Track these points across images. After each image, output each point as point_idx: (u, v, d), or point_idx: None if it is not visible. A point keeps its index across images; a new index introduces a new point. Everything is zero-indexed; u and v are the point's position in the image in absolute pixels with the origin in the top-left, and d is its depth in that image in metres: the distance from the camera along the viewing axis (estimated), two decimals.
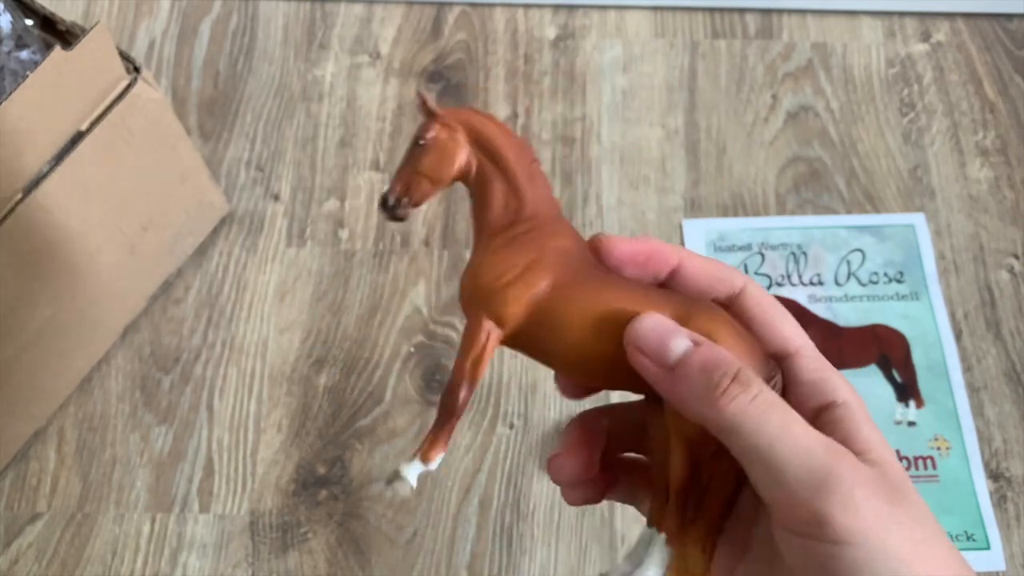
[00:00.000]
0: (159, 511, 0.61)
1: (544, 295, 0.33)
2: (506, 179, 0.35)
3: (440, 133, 0.34)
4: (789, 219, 0.69)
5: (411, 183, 0.34)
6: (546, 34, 0.77)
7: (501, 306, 0.33)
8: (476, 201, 0.35)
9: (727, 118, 0.74)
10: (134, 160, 0.58)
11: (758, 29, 0.77)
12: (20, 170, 0.52)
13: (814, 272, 0.67)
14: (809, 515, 0.28)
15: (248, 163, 0.71)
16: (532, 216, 0.34)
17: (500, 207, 0.35)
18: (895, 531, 0.28)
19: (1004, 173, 0.71)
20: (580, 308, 0.33)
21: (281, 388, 0.64)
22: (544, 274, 0.33)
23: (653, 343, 0.31)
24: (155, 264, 0.65)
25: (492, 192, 0.35)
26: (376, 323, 0.66)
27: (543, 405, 0.64)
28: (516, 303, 0.33)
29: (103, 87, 0.54)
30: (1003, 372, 0.65)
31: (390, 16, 0.77)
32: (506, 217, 0.34)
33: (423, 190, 0.34)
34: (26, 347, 0.58)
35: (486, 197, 0.35)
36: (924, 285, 0.67)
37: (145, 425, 0.63)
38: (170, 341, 0.65)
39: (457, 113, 0.35)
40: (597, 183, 0.71)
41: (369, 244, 0.69)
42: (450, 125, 0.35)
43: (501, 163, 0.35)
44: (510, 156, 0.35)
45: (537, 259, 0.33)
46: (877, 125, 0.73)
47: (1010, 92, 0.75)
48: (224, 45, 0.76)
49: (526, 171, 0.35)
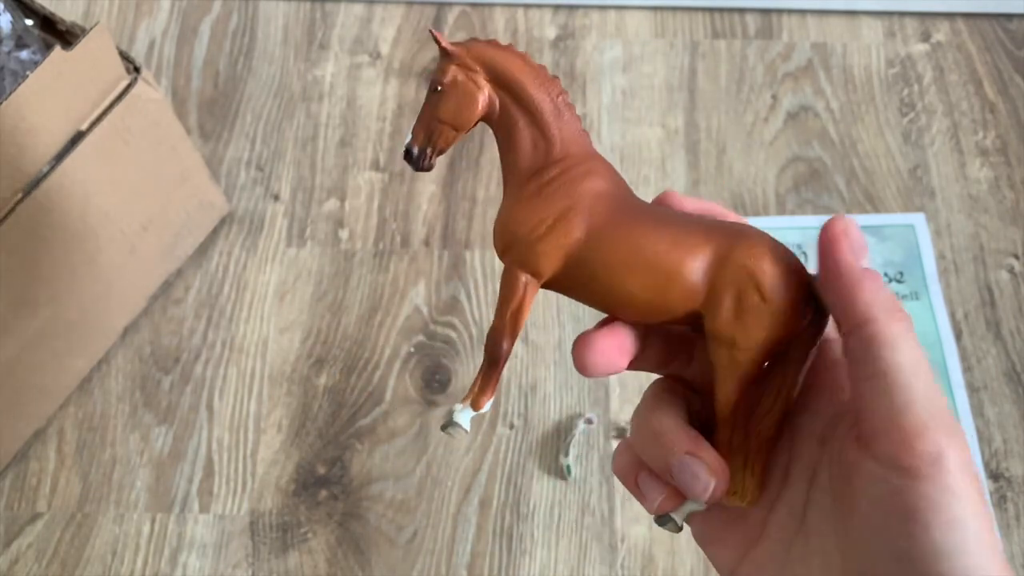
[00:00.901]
0: (159, 511, 0.60)
1: (579, 243, 0.32)
2: (532, 119, 0.33)
3: (457, 75, 0.33)
4: (789, 219, 0.69)
5: (433, 131, 0.33)
6: (546, 34, 0.77)
7: (535, 259, 0.32)
8: (502, 144, 0.34)
9: (727, 118, 0.74)
10: (134, 160, 0.58)
11: (758, 29, 0.77)
12: (20, 170, 0.52)
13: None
14: (928, 449, 0.28)
15: (248, 163, 0.71)
16: (562, 157, 0.33)
17: (528, 150, 0.33)
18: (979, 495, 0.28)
19: (1004, 173, 0.71)
20: (617, 253, 0.32)
21: (281, 388, 0.64)
22: (577, 222, 0.32)
23: (860, 243, 0.32)
24: (155, 264, 0.65)
25: (518, 134, 0.33)
26: (376, 323, 0.66)
27: (543, 405, 0.64)
28: (550, 256, 0.32)
29: (103, 87, 0.54)
30: (1003, 372, 0.65)
31: (390, 16, 0.77)
32: (536, 160, 0.33)
33: (446, 137, 0.33)
34: (26, 347, 0.58)
35: (513, 140, 0.33)
36: (924, 285, 0.67)
37: (145, 425, 0.63)
38: (170, 341, 0.65)
39: (474, 49, 0.33)
40: None
41: (369, 244, 0.69)
42: (467, 65, 0.33)
43: (526, 101, 0.33)
44: (534, 93, 0.33)
45: (570, 206, 0.32)
46: (877, 125, 0.73)
47: (1010, 92, 0.75)
48: (224, 45, 0.76)
49: (552, 107, 0.33)
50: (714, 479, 0.32)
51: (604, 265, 0.32)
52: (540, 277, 0.33)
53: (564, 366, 0.65)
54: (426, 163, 0.33)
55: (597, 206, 0.33)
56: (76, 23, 0.54)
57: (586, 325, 0.65)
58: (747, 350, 0.32)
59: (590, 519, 0.61)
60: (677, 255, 0.32)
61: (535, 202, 0.33)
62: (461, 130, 0.33)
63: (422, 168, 0.33)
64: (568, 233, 0.32)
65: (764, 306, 0.32)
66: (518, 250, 0.32)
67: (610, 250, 0.32)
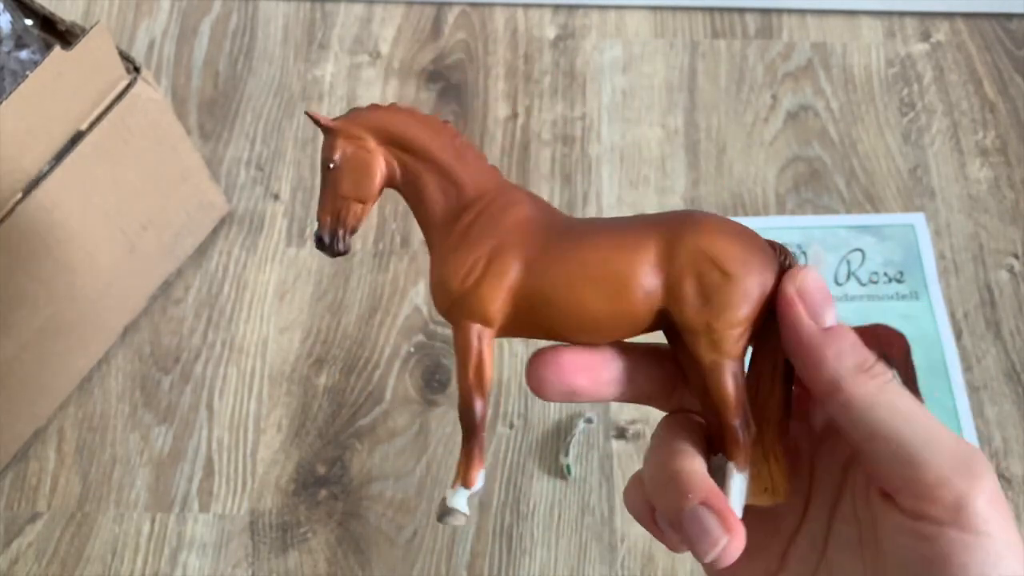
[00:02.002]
0: (159, 511, 0.61)
1: (520, 277, 0.31)
2: (435, 168, 0.32)
3: (347, 147, 0.32)
4: (789, 219, 0.69)
5: (339, 210, 0.32)
6: (546, 34, 0.77)
7: (480, 305, 0.31)
8: (414, 202, 0.33)
9: (727, 118, 0.74)
10: (134, 160, 0.58)
11: (758, 29, 0.77)
12: (20, 170, 0.52)
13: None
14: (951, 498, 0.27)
15: (248, 163, 0.71)
16: (477, 196, 0.32)
17: (440, 199, 0.32)
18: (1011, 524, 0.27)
19: (1004, 173, 0.71)
20: (564, 273, 0.31)
21: (281, 388, 0.64)
22: (511, 258, 0.31)
23: (817, 298, 0.30)
24: (155, 264, 0.65)
25: (425, 187, 0.32)
26: (376, 323, 0.66)
27: (543, 405, 0.64)
28: (494, 297, 0.31)
29: (103, 87, 0.54)
30: (1003, 372, 0.65)
31: (390, 16, 0.77)
32: (449, 207, 0.32)
33: (355, 213, 0.32)
34: (26, 347, 0.58)
35: (421, 194, 0.32)
36: (924, 285, 0.67)
37: (145, 425, 0.63)
38: (170, 341, 0.65)
39: (356, 119, 0.32)
40: (597, 183, 0.71)
41: (369, 244, 0.69)
42: (354, 135, 0.32)
43: (423, 154, 0.32)
44: (429, 143, 0.32)
45: (498, 244, 0.31)
46: (877, 125, 0.73)
47: (1010, 92, 0.75)
48: (224, 45, 0.76)
49: (452, 151, 0.32)
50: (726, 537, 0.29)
51: (554, 288, 0.31)
52: (491, 323, 0.31)
53: None
54: (341, 246, 0.32)
55: (527, 234, 0.31)
56: (76, 23, 0.54)
57: None
58: (726, 333, 0.30)
59: (590, 519, 0.61)
60: (624, 256, 0.31)
61: (461, 249, 0.31)
62: (368, 202, 0.32)
63: (338, 253, 0.32)
64: (505, 270, 0.31)
65: (728, 282, 0.30)
66: (460, 302, 0.31)
67: (556, 272, 0.31)
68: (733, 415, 0.31)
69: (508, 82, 0.75)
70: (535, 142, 0.72)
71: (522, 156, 0.72)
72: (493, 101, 0.74)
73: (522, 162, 0.72)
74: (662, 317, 0.31)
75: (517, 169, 0.71)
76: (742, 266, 0.30)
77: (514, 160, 0.72)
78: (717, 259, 0.30)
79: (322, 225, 0.32)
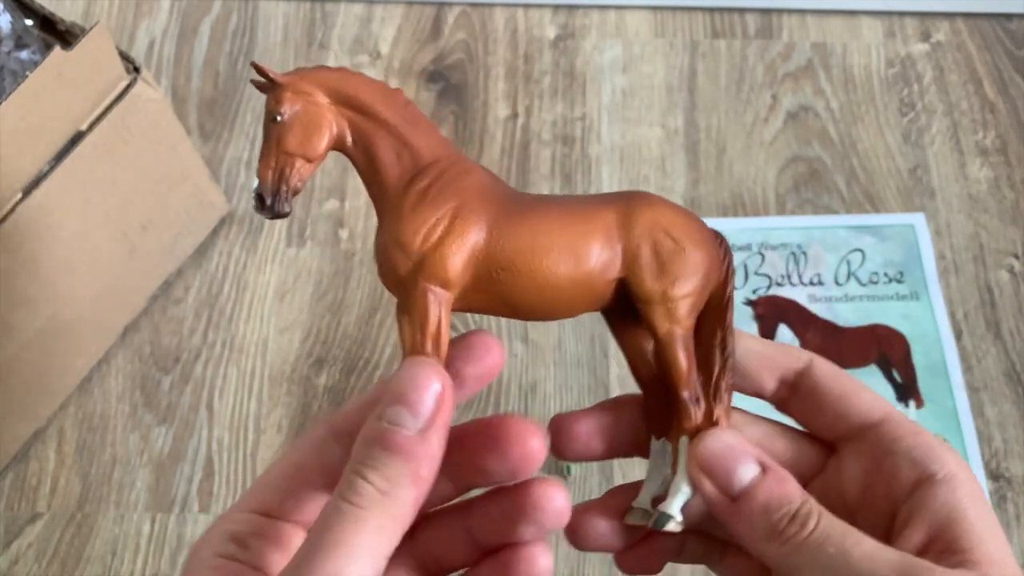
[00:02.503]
0: (159, 511, 0.61)
1: (482, 239, 0.30)
2: (388, 131, 0.31)
3: (296, 102, 0.30)
4: (789, 219, 0.69)
5: (284, 167, 0.30)
6: (546, 34, 0.77)
7: (442, 265, 0.30)
8: (363, 165, 0.31)
9: (727, 118, 0.74)
10: (134, 160, 0.58)
11: (758, 29, 0.77)
12: (20, 170, 0.52)
13: (814, 272, 0.67)
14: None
15: (248, 163, 0.71)
16: (433, 160, 0.31)
17: (393, 163, 0.31)
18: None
19: (1004, 173, 0.71)
20: (525, 237, 0.30)
21: (281, 388, 0.64)
22: (474, 217, 0.30)
23: (720, 470, 0.30)
24: (155, 264, 0.65)
25: (378, 149, 0.31)
26: (376, 323, 0.66)
27: (543, 405, 0.64)
28: (456, 258, 0.30)
29: (103, 87, 0.54)
30: (1003, 372, 0.65)
31: (390, 16, 0.77)
32: (404, 170, 0.31)
33: (299, 172, 0.30)
34: (26, 347, 0.58)
35: (373, 156, 0.31)
36: (924, 285, 0.67)
37: (145, 425, 0.63)
38: (170, 341, 0.65)
39: (308, 75, 0.31)
40: (597, 183, 0.71)
41: (369, 244, 0.69)
42: (305, 90, 0.31)
43: (376, 115, 0.31)
44: (383, 105, 0.31)
45: (461, 203, 0.30)
46: (877, 125, 0.73)
47: (1010, 92, 0.75)
48: (224, 45, 0.76)
49: (405, 116, 0.31)
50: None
51: (516, 252, 0.30)
52: (450, 286, 0.30)
53: (564, 366, 0.65)
54: (282, 207, 0.30)
55: (486, 199, 0.31)
56: (76, 23, 0.54)
57: (584, 323, 0.65)
58: (680, 303, 0.31)
59: None
60: (585, 224, 0.31)
61: (420, 209, 0.30)
62: (314, 160, 0.31)
63: (280, 214, 0.30)
64: (467, 230, 0.30)
65: (680, 250, 0.31)
66: (418, 264, 0.30)
67: (518, 235, 0.30)
68: (684, 386, 0.32)
69: (508, 82, 0.75)
70: (535, 142, 0.72)
71: (522, 156, 0.72)
72: (493, 101, 0.74)
73: (522, 162, 0.72)
74: (618, 291, 0.32)
75: (517, 169, 0.71)
76: (691, 239, 0.32)
77: (514, 160, 0.72)
78: (670, 230, 0.32)
79: (263, 182, 0.30)
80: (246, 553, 0.29)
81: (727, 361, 0.32)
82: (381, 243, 0.31)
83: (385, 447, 0.27)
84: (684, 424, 0.32)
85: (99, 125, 0.54)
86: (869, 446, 0.31)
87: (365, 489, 0.26)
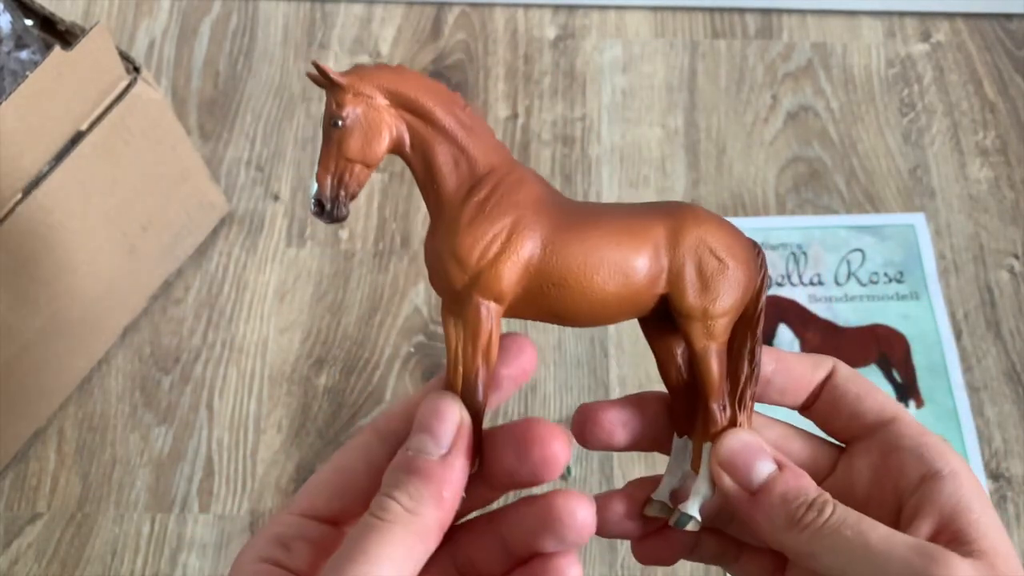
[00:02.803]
0: (159, 511, 0.61)
1: (535, 254, 0.31)
2: (446, 137, 0.31)
3: (357, 105, 0.30)
4: (789, 219, 0.69)
5: (343, 173, 0.30)
6: (546, 34, 0.77)
7: (497, 282, 0.30)
8: (421, 170, 0.31)
9: (727, 118, 0.74)
10: (134, 160, 0.58)
11: (758, 29, 0.77)
12: (20, 170, 0.52)
13: (814, 272, 0.67)
14: None
15: (248, 163, 0.71)
16: (489, 171, 0.31)
17: (451, 171, 0.31)
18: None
19: (1004, 173, 0.71)
20: (578, 253, 0.31)
21: (281, 388, 0.64)
22: (529, 233, 0.31)
23: (740, 467, 0.32)
24: (155, 264, 0.65)
25: (436, 156, 0.31)
26: (376, 323, 0.66)
27: (543, 405, 0.64)
28: (511, 274, 0.30)
29: (103, 87, 0.54)
30: (1003, 372, 0.65)
31: (390, 16, 0.77)
32: (461, 179, 0.31)
33: (357, 178, 0.30)
34: (26, 347, 0.58)
35: (432, 163, 0.31)
36: (924, 285, 0.67)
37: (145, 425, 0.63)
38: (170, 341, 0.65)
39: (367, 75, 0.30)
40: (597, 183, 0.71)
41: (369, 244, 0.69)
42: (364, 92, 0.30)
43: (435, 120, 0.31)
44: (442, 110, 0.31)
45: (517, 218, 0.31)
46: (877, 125, 0.73)
47: (1010, 92, 0.75)
48: (224, 45, 0.76)
49: (463, 121, 0.31)
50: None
51: (568, 269, 0.31)
52: (503, 301, 0.31)
53: (564, 366, 0.65)
54: (340, 212, 0.30)
55: (541, 212, 0.31)
56: (76, 23, 0.54)
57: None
58: (719, 320, 0.32)
59: None
60: (635, 241, 0.32)
61: (478, 223, 0.30)
62: (372, 166, 0.30)
63: (337, 219, 0.30)
64: (523, 246, 0.31)
65: (723, 268, 0.32)
66: (474, 279, 0.30)
67: (570, 252, 0.31)
68: (715, 397, 0.33)
69: (508, 82, 0.75)
70: (535, 142, 0.72)
71: (522, 156, 0.72)
72: (493, 101, 0.74)
73: (522, 162, 0.71)
74: (659, 304, 0.33)
75: None
76: (734, 257, 0.33)
77: None
78: (715, 248, 0.32)
79: (322, 187, 0.30)
80: (288, 555, 0.31)
81: (754, 371, 0.34)
82: (436, 251, 0.31)
83: (410, 471, 0.29)
84: (709, 429, 0.33)
85: (99, 125, 0.54)
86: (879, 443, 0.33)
87: (392, 507, 0.28)
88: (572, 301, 0.31)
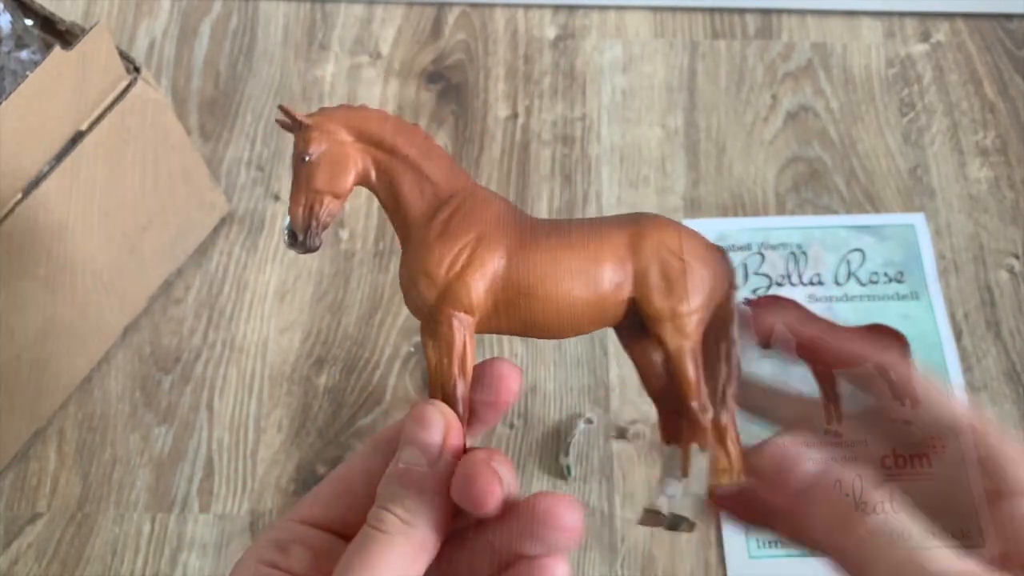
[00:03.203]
0: (159, 511, 0.61)
1: (502, 266, 0.32)
2: (409, 166, 0.33)
3: (322, 143, 0.32)
4: (789, 219, 0.69)
5: (313, 205, 0.32)
6: (546, 34, 0.77)
7: (466, 293, 0.32)
8: (388, 199, 0.34)
9: (727, 118, 0.74)
10: (134, 160, 0.58)
11: (758, 29, 0.77)
12: (20, 170, 0.52)
13: (814, 272, 0.67)
14: None
15: (248, 163, 0.71)
16: (451, 193, 0.33)
17: (416, 197, 0.33)
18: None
19: (1004, 173, 0.71)
20: (544, 262, 0.33)
21: (281, 388, 0.64)
22: (495, 247, 0.32)
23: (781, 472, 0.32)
24: (155, 264, 0.65)
25: (402, 185, 0.33)
26: (376, 323, 0.66)
27: (543, 405, 0.64)
28: (478, 285, 0.32)
29: (103, 87, 0.54)
30: (1003, 372, 0.65)
31: (390, 16, 0.77)
32: (426, 203, 0.33)
33: (328, 208, 0.33)
34: (26, 347, 0.58)
35: (398, 192, 0.33)
36: (924, 285, 0.67)
37: (145, 425, 0.63)
38: (170, 341, 0.65)
39: (331, 115, 0.33)
40: (597, 183, 0.71)
41: (369, 244, 0.69)
42: (329, 130, 0.33)
43: (397, 151, 0.33)
44: (403, 141, 0.33)
45: (481, 233, 0.33)
46: (877, 125, 0.73)
47: (1010, 92, 0.75)
48: (224, 45, 0.76)
49: (424, 151, 0.34)
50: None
51: (535, 278, 0.32)
52: (473, 312, 0.32)
53: (564, 366, 0.65)
54: (313, 242, 0.33)
55: (505, 227, 0.33)
56: (76, 23, 0.54)
57: None
58: (688, 319, 0.33)
59: (590, 519, 0.61)
60: (598, 250, 0.33)
61: (444, 240, 0.32)
62: (341, 197, 0.33)
63: (310, 249, 0.33)
64: (489, 258, 0.32)
65: (686, 269, 0.33)
66: (443, 292, 0.32)
67: (536, 262, 0.33)
68: (694, 396, 0.34)
69: (508, 82, 0.75)
70: (535, 142, 0.72)
71: (522, 156, 0.72)
72: (493, 101, 0.74)
73: (522, 162, 0.72)
74: (629, 309, 0.34)
75: (517, 169, 0.71)
76: (697, 257, 0.34)
77: (514, 160, 0.72)
78: (676, 250, 0.33)
79: (294, 219, 0.32)
80: (286, 558, 0.32)
81: (732, 372, 0.34)
82: (408, 271, 0.33)
83: (403, 484, 0.30)
84: (693, 431, 0.34)
85: (99, 125, 0.54)
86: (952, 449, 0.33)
87: (388, 518, 0.29)
88: (542, 310, 0.33)
